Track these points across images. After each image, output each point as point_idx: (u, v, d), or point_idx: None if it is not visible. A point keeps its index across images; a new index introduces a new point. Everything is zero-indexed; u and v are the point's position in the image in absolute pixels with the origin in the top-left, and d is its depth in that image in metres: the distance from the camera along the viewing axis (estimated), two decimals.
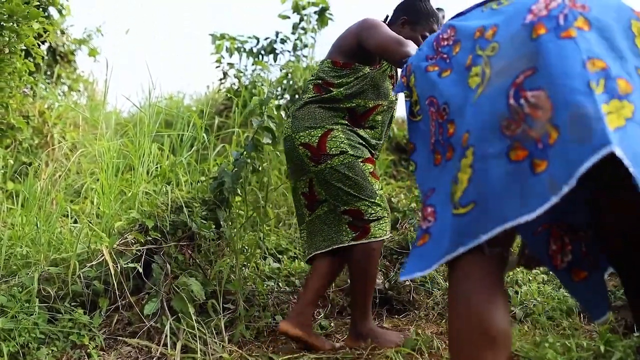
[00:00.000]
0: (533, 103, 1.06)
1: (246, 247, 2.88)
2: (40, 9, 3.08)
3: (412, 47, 2.27)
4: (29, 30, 2.96)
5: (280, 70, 5.47)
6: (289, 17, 5.67)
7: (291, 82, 5.29)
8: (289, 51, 5.79)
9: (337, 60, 2.52)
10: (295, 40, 5.73)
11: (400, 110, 6.65)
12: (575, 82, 1.02)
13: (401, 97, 2.64)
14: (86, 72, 6.70)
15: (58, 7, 5.08)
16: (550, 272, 2.97)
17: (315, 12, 5.59)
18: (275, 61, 5.73)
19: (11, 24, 2.87)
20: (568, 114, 1.00)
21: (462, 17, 1.46)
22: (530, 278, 2.91)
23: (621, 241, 1.33)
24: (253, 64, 5.67)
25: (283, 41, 5.76)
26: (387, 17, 2.68)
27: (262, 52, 5.74)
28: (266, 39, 5.76)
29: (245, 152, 2.90)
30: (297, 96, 5.17)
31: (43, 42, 4.13)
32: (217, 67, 5.75)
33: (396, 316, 2.72)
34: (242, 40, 5.73)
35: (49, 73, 5.65)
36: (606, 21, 1.13)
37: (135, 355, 2.22)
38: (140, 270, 2.46)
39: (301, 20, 5.64)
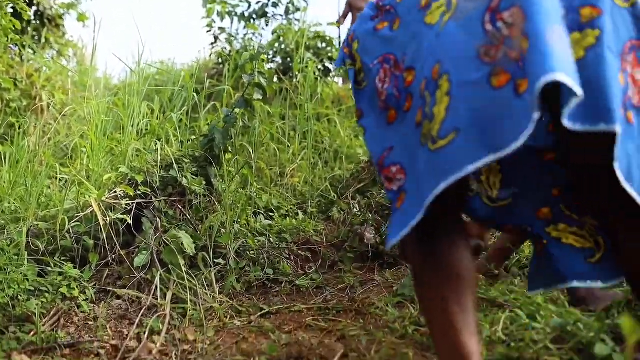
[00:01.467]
0: (510, 23, 1.00)
1: (237, 204, 2.86)
2: None
3: None
4: None
5: (272, 33, 5.41)
6: None
7: (283, 46, 5.24)
8: (281, 15, 5.73)
9: None
10: (288, 3, 5.67)
11: None
12: (549, 3, 0.98)
13: None
14: (75, 38, 6.61)
15: None
16: None
17: None
18: (267, 25, 5.68)
19: None
20: (543, 24, 0.94)
21: None
22: None
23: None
24: (245, 28, 5.62)
25: (275, 5, 5.70)
26: None
27: (254, 15, 5.68)
28: (258, 2, 5.69)
29: (235, 109, 2.88)
30: (288, 59, 5.13)
31: (31, 2, 4.06)
32: (208, 31, 5.69)
33: (388, 270, 2.72)
34: (233, 4, 5.67)
35: (37, 38, 5.56)
36: None
37: (125, 306, 2.21)
38: (130, 222, 2.44)
39: None
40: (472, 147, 0.98)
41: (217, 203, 2.77)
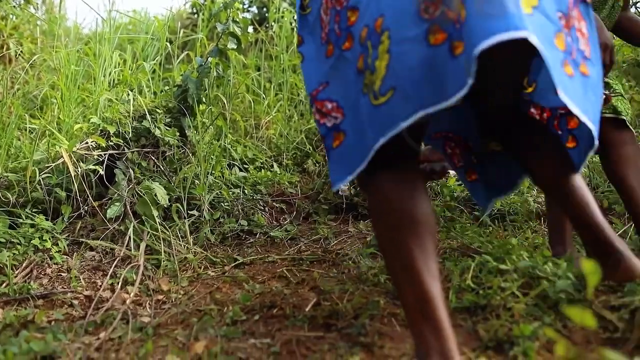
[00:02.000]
0: None
1: (212, 156, 2.84)
2: None
3: None
4: None
5: None
6: None
7: None
8: None
9: None
10: None
11: None
12: None
13: None
14: None
15: None
16: None
17: None
18: None
19: None
20: None
21: None
22: None
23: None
24: None
25: None
26: None
27: None
28: None
29: (209, 59, 2.82)
30: (264, 9, 5.02)
31: None
32: None
33: (361, 221, 2.74)
34: None
35: None
36: None
37: (99, 258, 2.20)
38: (102, 172, 2.41)
39: None
40: (405, 104, 1.03)
41: (191, 154, 2.74)
